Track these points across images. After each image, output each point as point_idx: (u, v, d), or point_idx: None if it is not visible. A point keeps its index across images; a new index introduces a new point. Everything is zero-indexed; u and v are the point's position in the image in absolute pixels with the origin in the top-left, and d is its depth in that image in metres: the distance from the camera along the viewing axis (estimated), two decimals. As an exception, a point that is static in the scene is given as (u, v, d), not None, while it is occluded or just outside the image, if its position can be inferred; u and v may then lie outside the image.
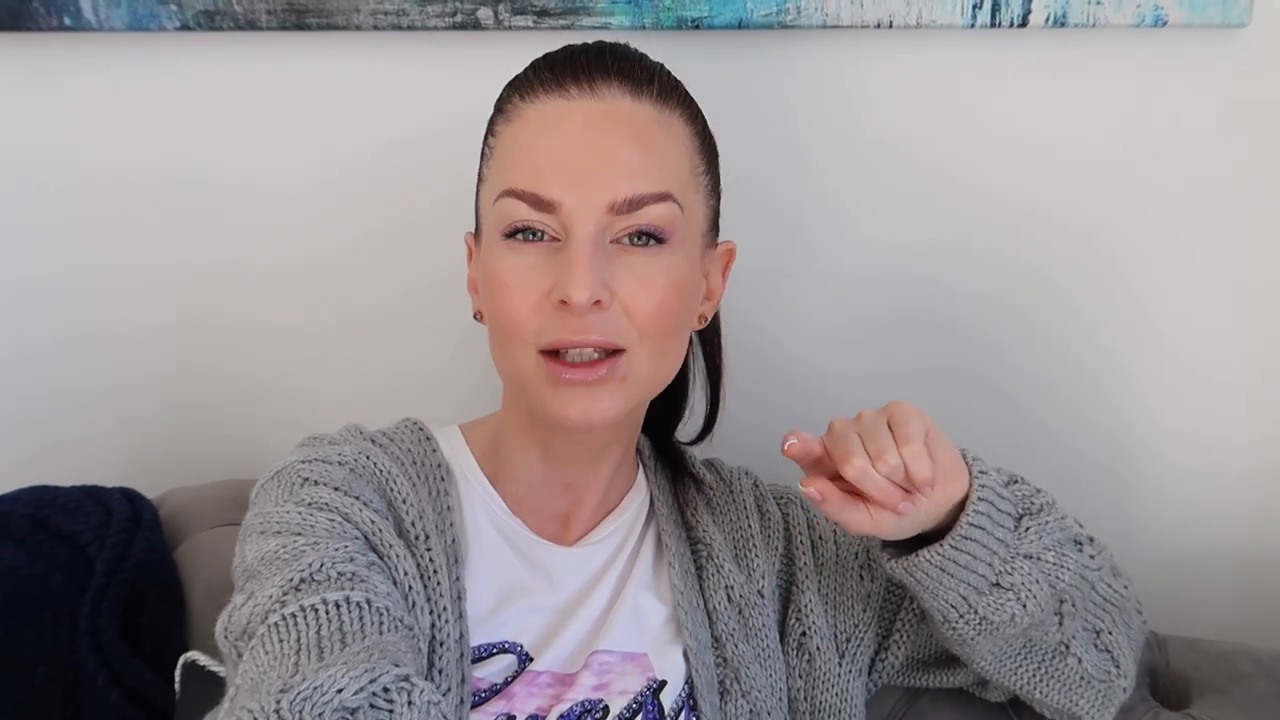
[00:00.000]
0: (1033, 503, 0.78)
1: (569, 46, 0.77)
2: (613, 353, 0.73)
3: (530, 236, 0.73)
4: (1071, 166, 1.04)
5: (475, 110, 0.81)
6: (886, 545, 0.77)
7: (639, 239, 0.73)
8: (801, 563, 0.86)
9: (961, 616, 0.76)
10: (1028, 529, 0.76)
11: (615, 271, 0.72)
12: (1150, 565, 0.83)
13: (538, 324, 0.72)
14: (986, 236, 1.07)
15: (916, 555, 0.74)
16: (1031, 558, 0.76)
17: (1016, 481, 0.78)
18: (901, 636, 0.86)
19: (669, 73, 0.78)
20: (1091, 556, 0.80)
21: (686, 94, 0.79)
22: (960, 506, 0.73)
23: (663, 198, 0.73)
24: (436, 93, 1.03)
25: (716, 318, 0.87)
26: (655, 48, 0.79)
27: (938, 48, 1.01)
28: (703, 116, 0.79)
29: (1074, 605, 0.79)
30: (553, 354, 0.72)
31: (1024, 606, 0.75)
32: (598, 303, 0.71)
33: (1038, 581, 0.75)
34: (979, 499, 0.73)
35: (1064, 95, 1.03)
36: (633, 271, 0.72)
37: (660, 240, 0.73)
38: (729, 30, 0.99)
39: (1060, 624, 0.79)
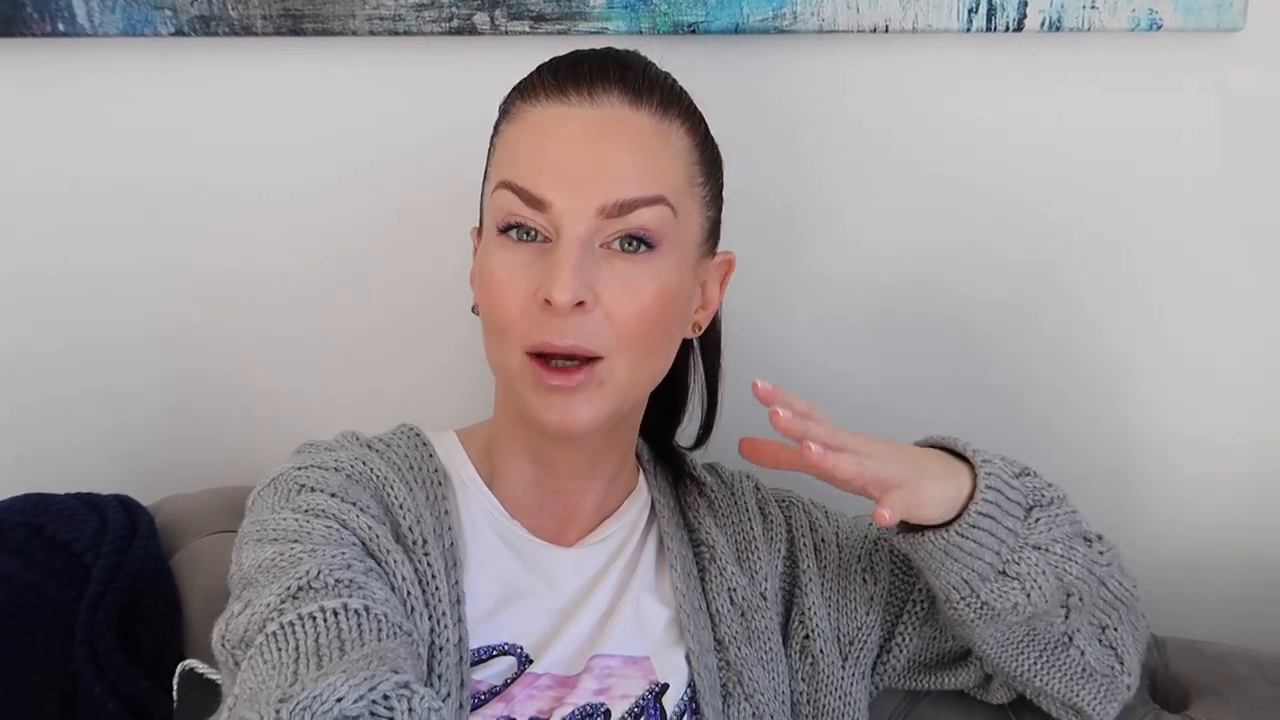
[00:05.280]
0: (1043, 495, 0.78)
1: (575, 53, 0.77)
2: (592, 359, 0.73)
3: (524, 236, 0.74)
4: (1068, 170, 1.04)
5: (472, 116, 0.81)
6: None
7: (629, 244, 0.73)
8: (804, 565, 0.86)
9: (964, 599, 0.77)
10: (1037, 520, 0.77)
11: (601, 275, 0.73)
12: (1150, 567, 0.83)
13: (525, 325, 0.73)
14: (983, 240, 1.07)
15: (922, 535, 0.75)
16: (1040, 549, 0.77)
17: (1027, 474, 0.79)
18: (904, 639, 0.86)
19: (673, 83, 0.78)
20: (1100, 553, 0.80)
21: (690, 105, 0.79)
22: (971, 496, 0.74)
23: (655, 201, 0.73)
24: (433, 98, 1.03)
25: (717, 324, 0.87)
26: (651, 52, 0.79)
27: (933, 52, 1.02)
28: (705, 128, 0.80)
29: (1081, 600, 0.79)
30: (538, 356, 0.73)
31: (1028, 596, 0.76)
32: (581, 304, 0.71)
33: (1044, 573, 0.76)
34: (987, 487, 0.74)
35: (1060, 99, 1.03)
36: (619, 276, 0.73)
37: (650, 246, 0.74)
38: (725, 35, 0.99)
39: (1066, 617, 0.79)
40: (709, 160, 0.79)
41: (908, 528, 0.76)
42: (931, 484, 0.73)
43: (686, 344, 0.85)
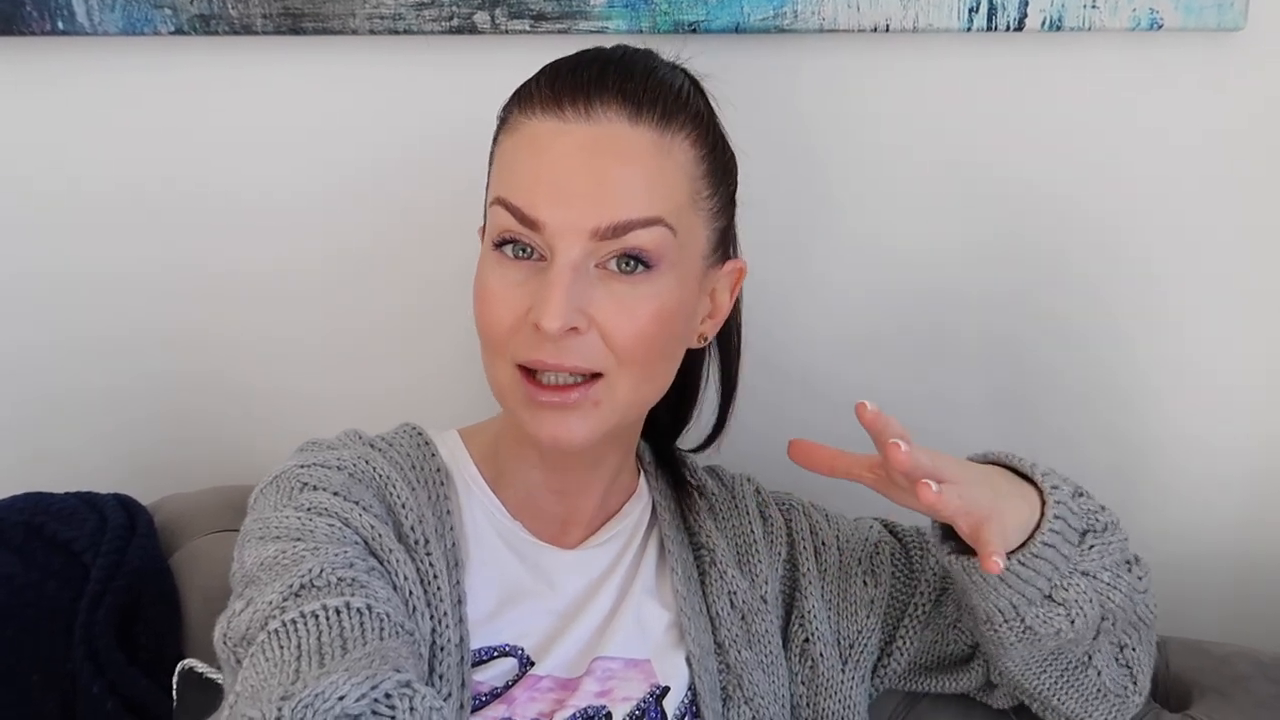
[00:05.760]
0: (1097, 520, 0.76)
1: (577, 57, 0.75)
2: (591, 376, 0.72)
3: (519, 253, 0.72)
4: (1068, 171, 1.04)
5: (472, 115, 0.81)
6: (946, 539, 0.76)
7: (625, 264, 0.71)
8: (805, 568, 0.86)
9: (1006, 622, 0.75)
10: (1091, 546, 0.75)
11: (596, 297, 0.71)
12: (1152, 566, 0.83)
13: (517, 342, 0.72)
14: (984, 239, 1.07)
15: (978, 558, 0.71)
16: (1089, 575, 0.75)
17: (1082, 494, 0.77)
18: (905, 642, 0.86)
19: (681, 88, 0.75)
20: (1140, 578, 0.79)
21: (699, 112, 0.76)
22: (1038, 524, 0.72)
23: (652, 222, 0.71)
24: (433, 98, 1.03)
25: (737, 330, 0.86)
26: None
27: (934, 51, 1.02)
28: (716, 134, 0.77)
29: (1114, 624, 0.78)
30: (529, 372, 0.72)
31: (1072, 622, 0.74)
32: (574, 329, 0.70)
33: (1090, 600, 0.75)
34: (1055, 516, 0.72)
35: (1060, 99, 1.03)
36: (615, 298, 0.71)
37: (648, 265, 0.72)
38: (726, 34, 0.99)
39: (1094, 638, 0.78)
40: (718, 169, 0.77)
41: (961, 549, 0.74)
42: (1014, 512, 0.71)
43: (698, 349, 0.84)
